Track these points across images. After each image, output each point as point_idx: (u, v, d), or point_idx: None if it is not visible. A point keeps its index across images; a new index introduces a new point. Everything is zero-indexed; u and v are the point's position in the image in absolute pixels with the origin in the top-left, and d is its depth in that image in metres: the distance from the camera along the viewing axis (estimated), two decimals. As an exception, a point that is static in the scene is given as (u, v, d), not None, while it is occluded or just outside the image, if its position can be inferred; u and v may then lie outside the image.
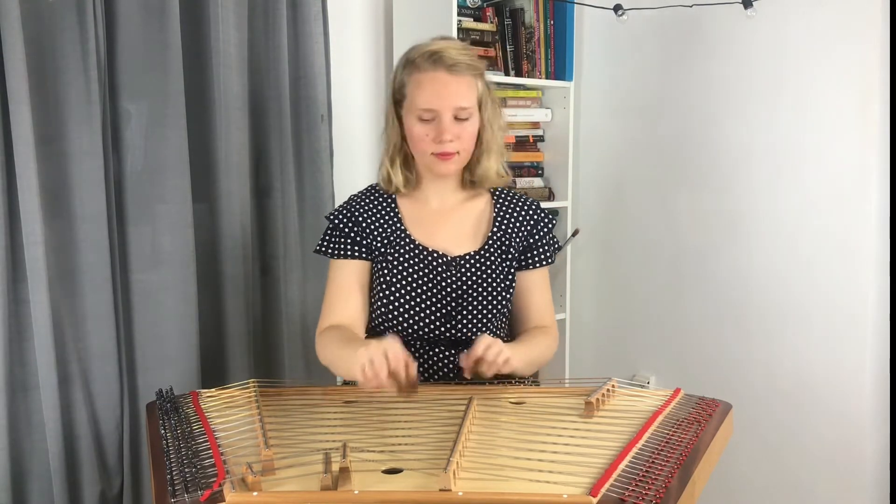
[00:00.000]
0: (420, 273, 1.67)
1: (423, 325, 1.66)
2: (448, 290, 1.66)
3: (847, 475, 2.26)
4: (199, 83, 2.13)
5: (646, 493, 1.09)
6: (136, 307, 2.07)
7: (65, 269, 1.95)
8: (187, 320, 2.09)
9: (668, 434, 1.32)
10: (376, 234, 1.70)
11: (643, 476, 1.15)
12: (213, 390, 1.54)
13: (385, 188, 1.74)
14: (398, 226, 1.71)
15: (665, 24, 2.54)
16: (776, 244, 2.37)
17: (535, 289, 1.75)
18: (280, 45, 2.25)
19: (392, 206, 1.74)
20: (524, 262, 1.74)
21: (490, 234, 1.72)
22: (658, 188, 2.66)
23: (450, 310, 1.66)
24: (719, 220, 2.50)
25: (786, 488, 2.40)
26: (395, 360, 1.37)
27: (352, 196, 1.79)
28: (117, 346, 2.02)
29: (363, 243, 1.70)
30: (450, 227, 1.73)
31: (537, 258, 1.74)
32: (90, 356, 1.99)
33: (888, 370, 2.24)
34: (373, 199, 1.75)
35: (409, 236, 1.70)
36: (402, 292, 1.66)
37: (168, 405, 1.47)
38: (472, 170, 1.72)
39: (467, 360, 1.49)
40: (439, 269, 1.68)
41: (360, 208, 1.73)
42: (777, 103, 2.33)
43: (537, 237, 1.75)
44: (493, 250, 1.71)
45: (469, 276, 1.68)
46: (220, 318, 2.20)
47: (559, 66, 2.73)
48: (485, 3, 2.58)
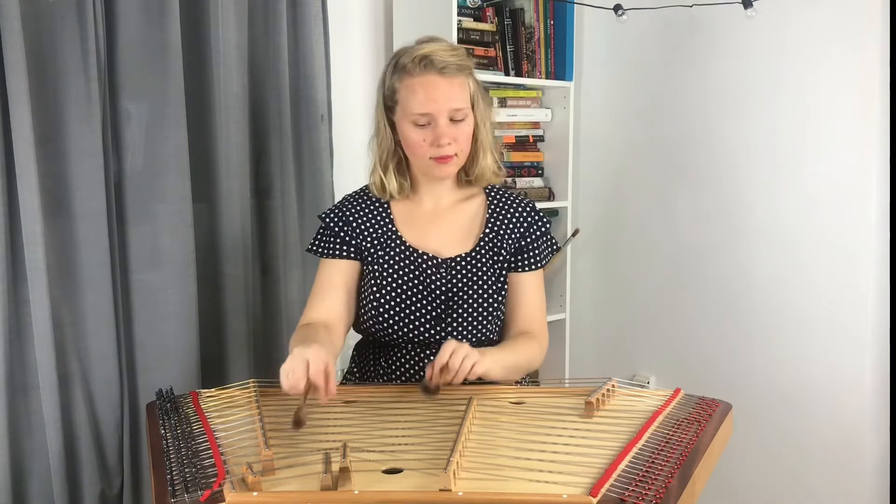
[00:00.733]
0: (410, 275, 1.66)
1: (412, 327, 1.65)
2: (438, 293, 1.65)
3: (847, 475, 2.26)
4: (199, 83, 2.13)
5: (646, 493, 1.09)
6: (136, 307, 2.07)
7: (65, 269, 1.95)
8: (187, 320, 2.09)
9: (668, 434, 1.32)
10: (366, 235, 1.70)
11: (643, 476, 1.15)
12: (213, 390, 1.54)
13: (378, 195, 1.73)
14: (389, 227, 1.70)
15: (665, 24, 2.54)
16: (776, 244, 2.37)
17: (525, 292, 1.72)
18: (280, 45, 2.25)
19: (384, 206, 1.73)
20: (515, 265, 1.72)
21: (482, 235, 1.71)
22: (658, 188, 2.66)
23: (439, 312, 1.65)
24: (719, 220, 2.50)
25: (786, 488, 2.40)
26: (315, 374, 1.33)
27: (345, 196, 1.78)
28: (117, 346, 2.02)
29: (352, 243, 1.70)
30: (442, 228, 1.71)
31: (528, 261, 1.71)
32: (90, 356, 1.99)
33: (888, 370, 2.24)
34: (365, 199, 1.74)
35: (399, 238, 1.69)
36: (392, 294, 1.65)
37: (168, 405, 1.47)
38: (467, 169, 1.71)
39: (433, 368, 1.45)
40: (430, 272, 1.67)
41: (351, 208, 1.73)
42: (777, 103, 2.33)
43: (529, 239, 1.72)
44: (484, 252, 1.69)
45: (459, 278, 1.66)
46: (220, 318, 2.20)
47: (559, 66, 2.73)
48: (485, 3, 2.58)
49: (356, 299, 1.72)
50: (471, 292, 1.66)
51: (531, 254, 1.72)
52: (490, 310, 1.67)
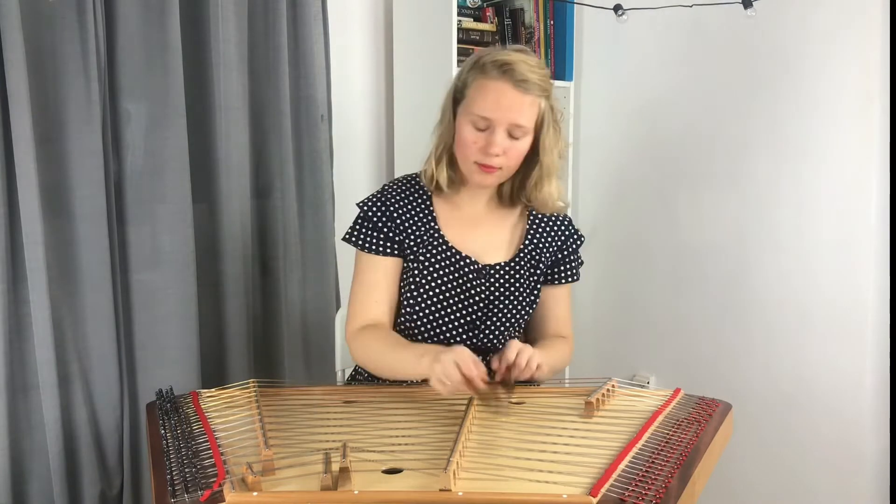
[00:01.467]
0: (450, 276, 1.65)
1: (446, 329, 1.65)
2: (476, 299, 1.65)
3: (847, 475, 2.26)
4: (199, 83, 2.13)
5: (646, 493, 1.09)
6: (136, 307, 2.07)
7: (65, 269, 1.95)
8: (187, 320, 2.09)
9: (668, 434, 1.32)
10: (410, 232, 1.66)
11: (643, 476, 1.15)
12: (213, 390, 1.54)
13: (427, 184, 1.69)
14: (432, 224, 1.67)
15: (665, 24, 2.54)
16: (776, 244, 2.37)
17: (560, 302, 1.76)
18: (280, 45, 2.26)
19: (427, 202, 1.69)
20: (551, 277, 1.74)
21: (522, 246, 1.70)
22: (658, 188, 2.65)
23: (475, 318, 1.65)
24: (719, 220, 2.50)
25: (786, 488, 2.40)
26: (468, 372, 1.37)
27: (386, 186, 1.71)
28: (117, 346, 2.02)
29: (396, 240, 1.66)
30: (483, 233, 1.70)
31: (565, 274, 1.75)
32: (90, 356, 1.99)
33: (888, 370, 2.24)
34: (408, 192, 1.70)
35: (442, 237, 1.67)
36: (430, 294, 1.64)
37: (168, 405, 1.47)
38: (528, 195, 1.69)
39: (500, 365, 1.48)
40: (470, 276, 1.65)
41: (395, 202, 1.68)
42: (777, 103, 2.33)
43: (566, 252, 1.75)
44: (523, 263, 1.69)
45: (498, 286, 1.66)
46: (220, 318, 2.20)
47: (559, 66, 2.73)
48: (485, 3, 2.58)
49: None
50: (507, 301, 1.66)
51: (567, 266, 1.75)
52: (522, 320, 1.69)
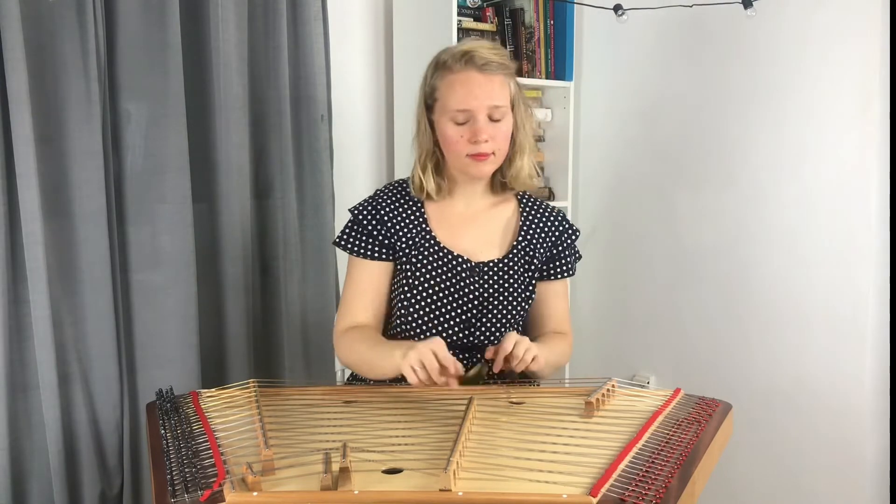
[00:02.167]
0: (443, 276, 1.65)
1: (441, 329, 1.65)
2: (470, 297, 1.65)
3: (847, 475, 2.26)
4: (199, 83, 2.13)
5: (646, 493, 1.09)
6: (136, 307, 2.07)
7: (65, 269, 1.95)
8: (187, 320, 2.09)
9: (668, 434, 1.32)
10: (401, 235, 1.67)
11: (643, 476, 1.14)
12: (213, 390, 1.54)
13: (416, 195, 1.70)
14: (423, 227, 1.68)
15: (665, 24, 2.54)
16: (776, 244, 2.37)
17: (557, 298, 1.76)
18: (280, 45, 2.25)
19: (419, 205, 1.70)
20: (547, 273, 1.74)
21: (515, 242, 1.71)
22: (658, 188, 2.66)
23: (469, 316, 1.65)
24: (719, 220, 2.50)
25: (786, 488, 2.40)
26: (444, 360, 1.41)
27: (378, 191, 1.74)
28: (117, 346, 2.02)
29: (387, 244, 1.67)
30: (475, 231, 1.71)
31: (561, 269, 1.75)
32: (90, 356, 1.99)
33: (888, 370, 2.24)
34: (399, 196, 1.71)
35: (433, 238, 1.68)
36: (424, 295, 1.64)
37: (168, 405, 1.47)
38: (503, 171, 1.70)
39: (497, 356, 1.50)
40: (463, 275, 1.66)
41: (386, 206, 1.69)
42: (777, 103, 2.33)
43: (561, 248, 1.75)
44: (517, 259, 1.70)
45: (491, 283, 1.66)
46: (220, 318, 2.20)
47: (559, 66, 2.73)
48: (485, 3, 2.58)
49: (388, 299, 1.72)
50: (501, 298, 1.66)
51: (562, 262, 1.75)
52: (517, 317, 1.69)
